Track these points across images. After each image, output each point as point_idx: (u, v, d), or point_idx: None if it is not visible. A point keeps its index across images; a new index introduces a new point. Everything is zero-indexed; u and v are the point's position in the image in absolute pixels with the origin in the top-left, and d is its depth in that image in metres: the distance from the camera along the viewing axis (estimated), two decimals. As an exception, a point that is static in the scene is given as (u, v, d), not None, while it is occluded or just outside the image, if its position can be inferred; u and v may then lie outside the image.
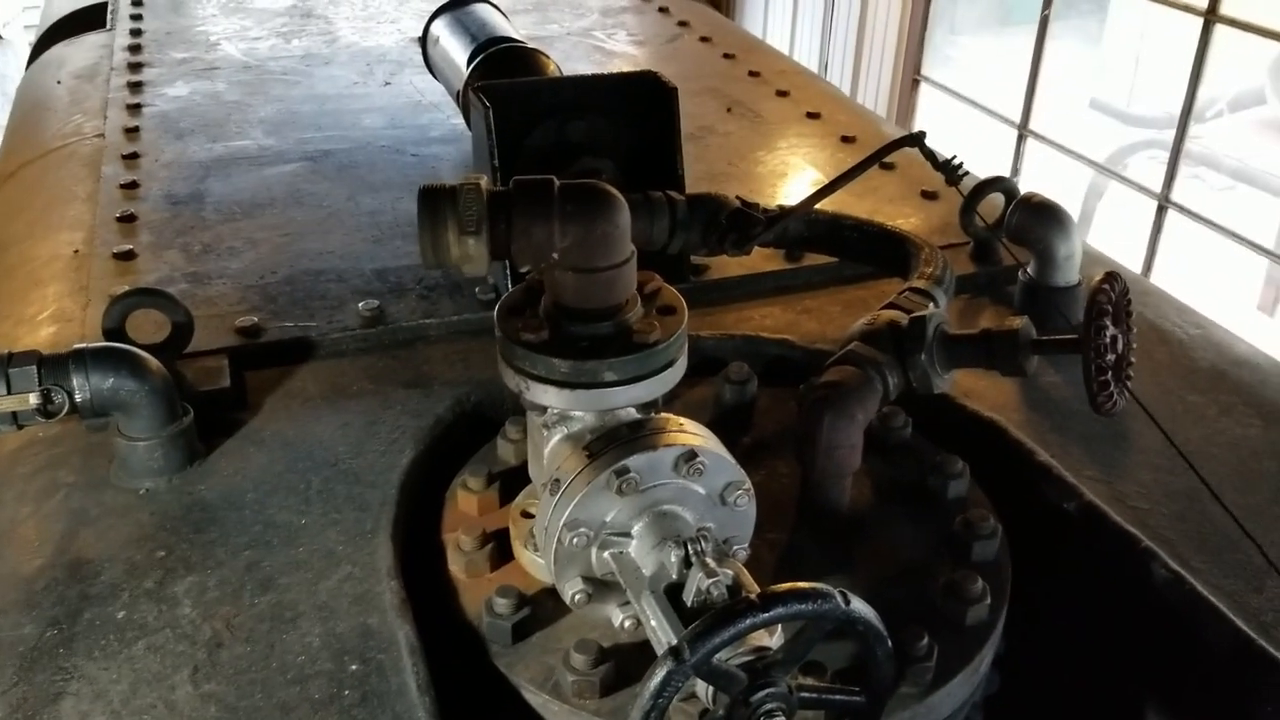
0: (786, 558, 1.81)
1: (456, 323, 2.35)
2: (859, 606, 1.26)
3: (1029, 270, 2.45)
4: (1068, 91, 8.56)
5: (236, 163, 3.10)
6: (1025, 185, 3.02)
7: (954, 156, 2.05)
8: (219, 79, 3.77)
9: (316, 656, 1.56)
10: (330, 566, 1.72)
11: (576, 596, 1.55)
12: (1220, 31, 6.70)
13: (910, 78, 9.45)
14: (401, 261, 2.58)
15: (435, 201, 1.53)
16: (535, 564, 1.74)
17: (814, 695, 1.32)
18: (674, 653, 1.20)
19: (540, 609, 1.68)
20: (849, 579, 1.77)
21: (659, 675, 1.20)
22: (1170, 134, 7.31)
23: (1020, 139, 8.30)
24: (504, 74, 2.79)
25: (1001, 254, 2.62)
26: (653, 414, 1.61)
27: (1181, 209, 7.02)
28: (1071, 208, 2.60)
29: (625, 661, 1.58)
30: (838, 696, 1.36)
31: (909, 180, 3.00)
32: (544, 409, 1.66)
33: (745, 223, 2.22)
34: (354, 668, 1.55)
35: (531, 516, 1.82)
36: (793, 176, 3.12)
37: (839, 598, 1.25)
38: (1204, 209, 7.22)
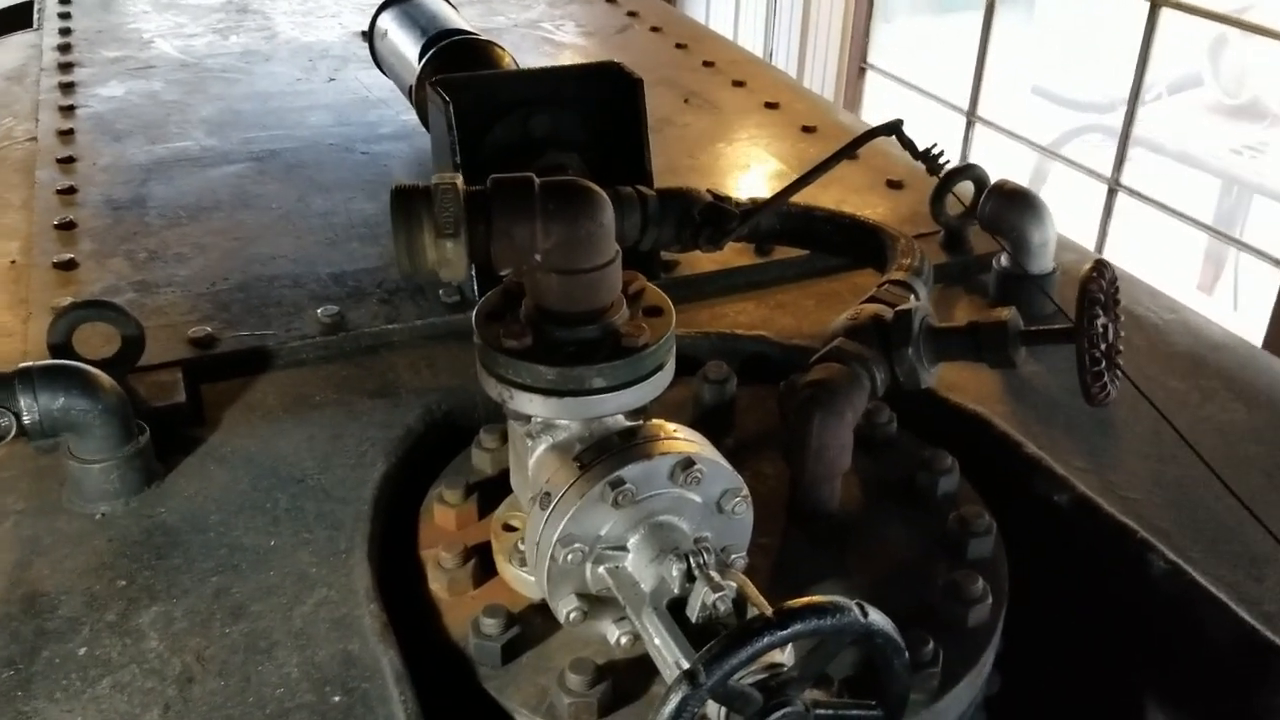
0: (780, 564, 1.75)
1: (421, 327, 2.26)
2: (876, 618, 1.21)
3: (1003, 258, 2.42)
4: (1011, 77, 8.61)
5: (179, 164, 2.98)
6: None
7: (934, 145, 2.00)
8: (155, 78, 3.63)
9: (296, 688, 1.47)
10: (304, 590, 1.63)
11: (571, 615, 1.48)
12: (1162, 14, 6.77)
13: (857, 66, 9.47)
14: (359, 265, 2.49)
15: (409, 203, 1.44)
16: (521, 580, 1.66)
17: (830, 712, 1.27)
18: (689, 676, 1.14)
19: (529, 627, 1.60)
20: (845, 583, 1.72)
21: (673, 701, 1.14)
22: (1109, 118, 7.38)
23: (969, 125, 8.35)
24: (458, 68, 2.70)
25: (973, 242, 2.60)
26: (643, 421, 1.54)
27: (1132, 192, 7.10)
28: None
29: (622, 679, 1.51)
30: (854, 712, 1.30)
31: (874, 170, 2.96)
32: (528, 418, 1.58)
33: (719, 217, 2.16)
34: (337, 699, 1.46)
35: (514, 529, 1.74)
36: (756, 168, 3.06)
37: (857, 610, 1.19)
38: (1144, 190, 7.31)
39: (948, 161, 2.02)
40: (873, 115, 8.07)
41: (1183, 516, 1.81)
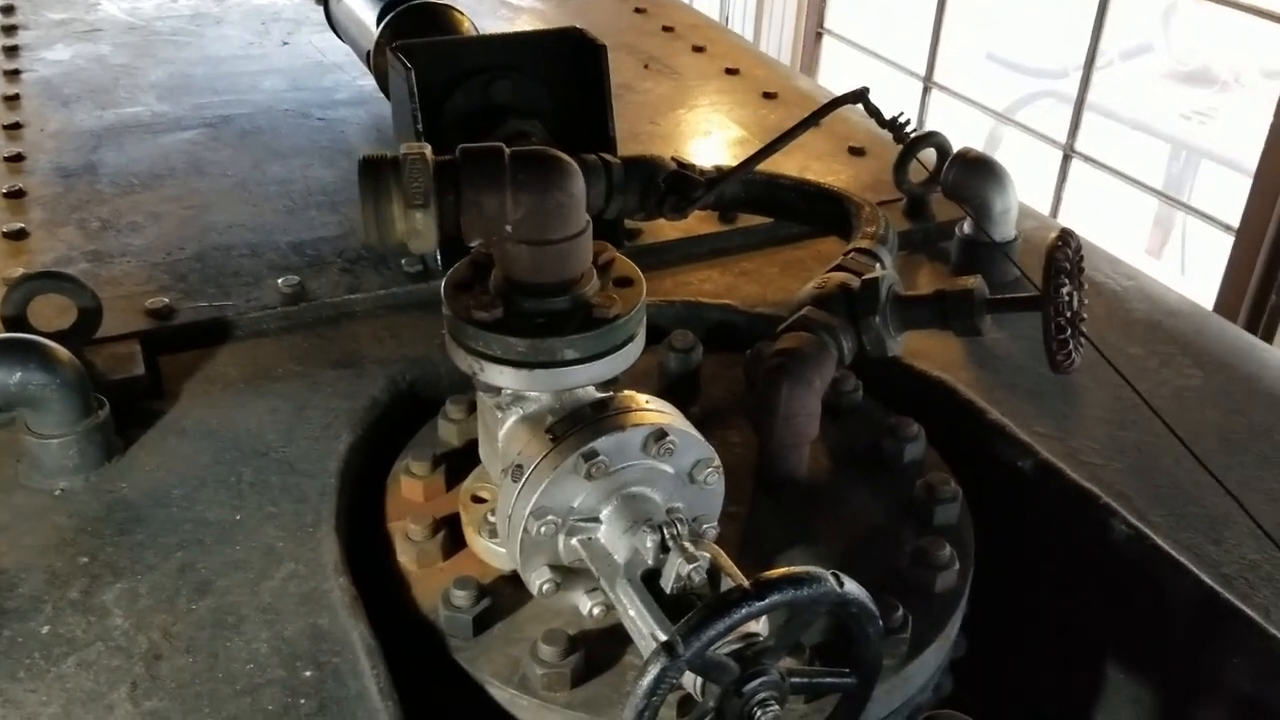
0: (748, 531, 1.76)
1: (383, 297, 2.24)
2: (852, 587, 1.22)
3: (966, 225, 2.43)
4: (966, 43, 8.63)
5: (130, 131, 2.90)
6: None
7: (900, 113, 2.00)
8: (102, 41, 3.53)
9: (265, 664, 1.46)
10: (271, 565, 1.61)
11: (544, 586, 1.48)
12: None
13: (814, 31, 9.44)
14: (318, 233, 2.45)
15: (377, 173, 1.42)
16: (491, 551, 1.66)
17: (805, 680, 1.28)
18: (667, 648, 1.14)
19: (499, 599, 1.60)
20: (814, 551, 1.74)
21: (652, 673, 1.14)
22: (1062, 84, 7.42)
23: (925, 91, 8.37)
24: (417, 33, 2.66)
25: (935, 210, 2.61)
26: (614, 392, 1.53)
27: (1087, 159, 7.17)
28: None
29: (594, 649, 1.52)
30: (828, 680, 1.31)
31: (836, 136, 2.95)
32: (498, 390, 1.57)
33: (684, 185, 2.15)
34: (308, 674, 1.45)
35: (482, 501, 1.74)
36: (718, 135, 3.05)
37: (832, 580, 1.20)
38: (1096, 155, 7.38)
39: (914, 130, 2.02)
40: (830, 81, 8.06)
41: (1143, 481, 1.84)
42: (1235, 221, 5.99)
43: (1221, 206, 6.64)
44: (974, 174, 2.36)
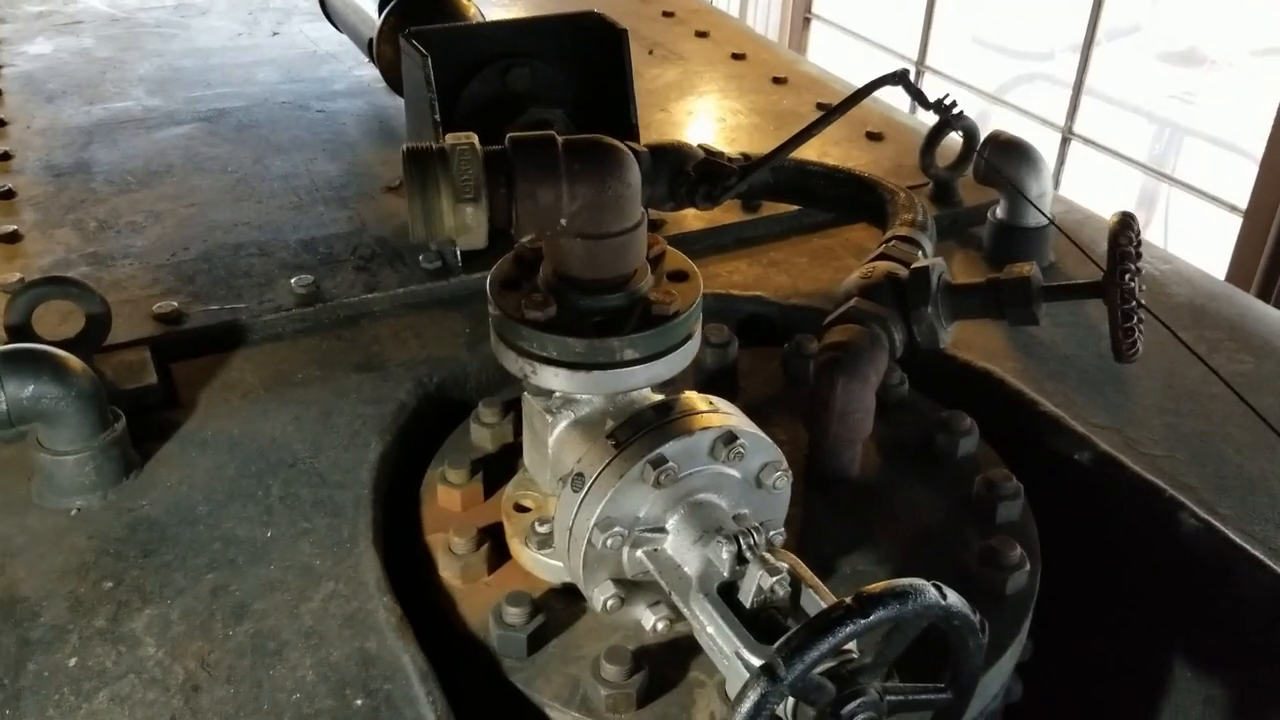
0: (805, 533, 1.68)
1: (403, 295, 2.14)
2: (954, 599, 1.14)
3: (998, 211, 2.36)
4: (953, 27, 8.56)
5: (122, 127, 2.79)
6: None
7: (946, 95, 1.92)
8: (84, 34, 3.40)
9: (313, 692, 1.37)
10: (310, 585, 1.52)
11: (609, 602, 1.39)
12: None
13: (801, 16, 9.34)
14: (329, 230, 2.35)
15: (424, 166, 1.32)
16: (540, 564, 1.57)
17: (902, 697, 1.20)
18: (767, 671, 1.06)
19: (552, 614, 1.51)
20: (875, 553, 1.66)
21: (751, 699, 1.06)
22: (1048, 66, 7.38)
23: (919, 74, 8.31)
24: (422, 19, 2.54)
25: (962, 195, 2.54)
26: (674, 393, 1.45)
27: (1086, 140, 7.14)
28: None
29: (658, 666, 1.43)
30: (925, 696, 1.24)
31: (852, 121, 2.86)
32: (549, 393, 1.48)
33: (716, 173, 2.06)
34: (359, 702, 1.36)
35: (526, 510, 1.65)
36: (732, 121, 2.96)
37: (935, 592, 1.12)
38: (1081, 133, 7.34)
39: (961, 111, 1.94)
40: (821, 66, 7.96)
41: (1208, 471, 1.78)
42: (1235, 199, 5.98)
43: (1210, 182, 6.62)
44: (1007, 157, 2.29)
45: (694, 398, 1.42)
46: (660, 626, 1.42)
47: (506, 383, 1.96)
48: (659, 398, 1.48)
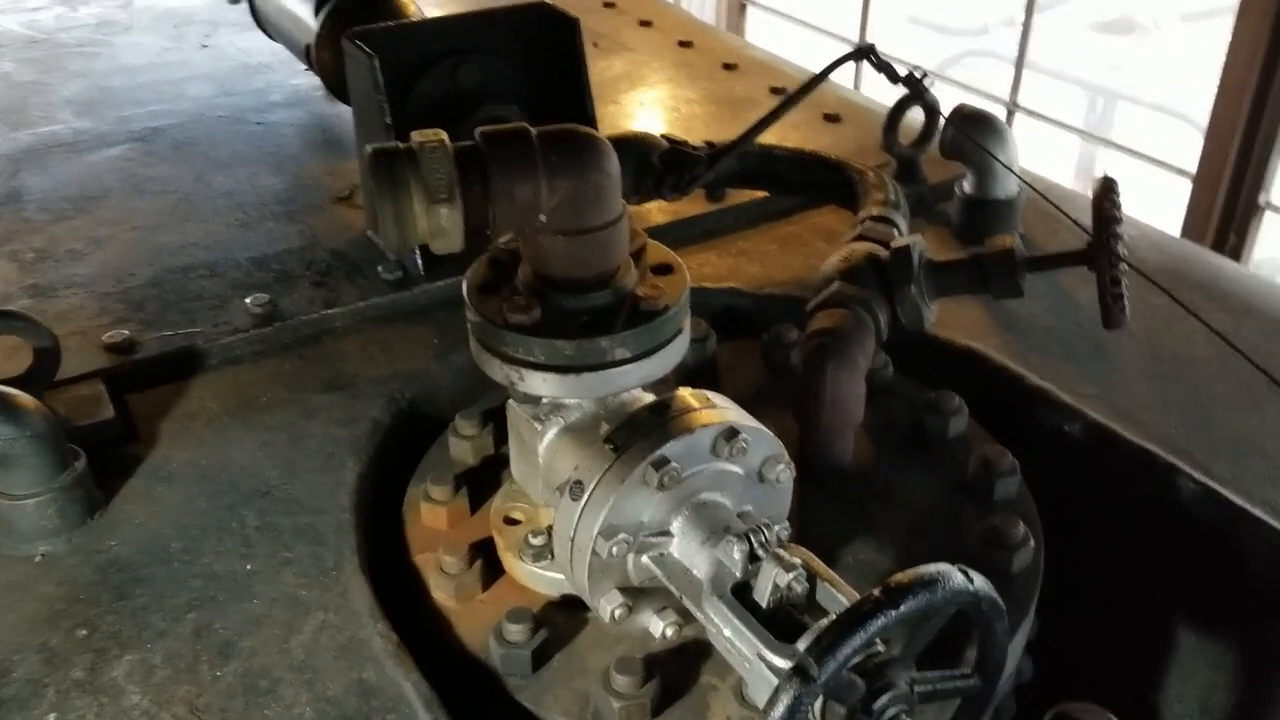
0: (804, 526, 1.63)
1: (365, 309, 2.06)
2: (981, 583, 1.11)
3: (965, 185, 2.34)
4: (887, 7, 8.58)
5: (51, 151, 2.67)
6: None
7: (916, 67, 1.89)
8: (3, 57, 3.26)
9: (312, 730, 1.30)
10: (298, 617, 1.44)
11: (617, 612, 1.33)
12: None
13: (738, 2, 9.30)
14: (280, 246, 2.26)
15: (392, 167, 1.25)
16: (537, 577, 1.51)
17: (930, 688, 1.16)
18: (799, 673, 1.01)
19: (552, 628, 1.45)
20: (876, 541, 1.62)
21: (785, 702, 1.01)
22: (982, 40, 7.43)
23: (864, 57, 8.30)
24: (362, 20, 2.46)
25: (926, 172, 2.51)
26: (666, 392, 1.39)
27: (1030, 112, 7.20)
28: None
29: (668, 673, 1.38)
30: (953, 684, 1.20)
31: (809, 104, 2.80)
32: (537, 400, 1.42)
33: (683, 162, 2.02)
34: (362, 736, 1.29)
35: (516, 522, 1.59)
36: (686, 110, 2.91)
37: (962, 577, 1.08)
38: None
39: (931, 84, 1.91)
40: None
41: (1202, 436, 1.77)
42: (1172, 162, 6.06)
43: (1147, 146, 6.70)
44: (974, 130, 2.26)
45: (688, 394, 1.37)
46: (670, 633, 1.37)
47: (481, 393, 1.90)
48: (651, 398, 1.43)
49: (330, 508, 1.62)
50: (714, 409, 1.34)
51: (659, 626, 1.37)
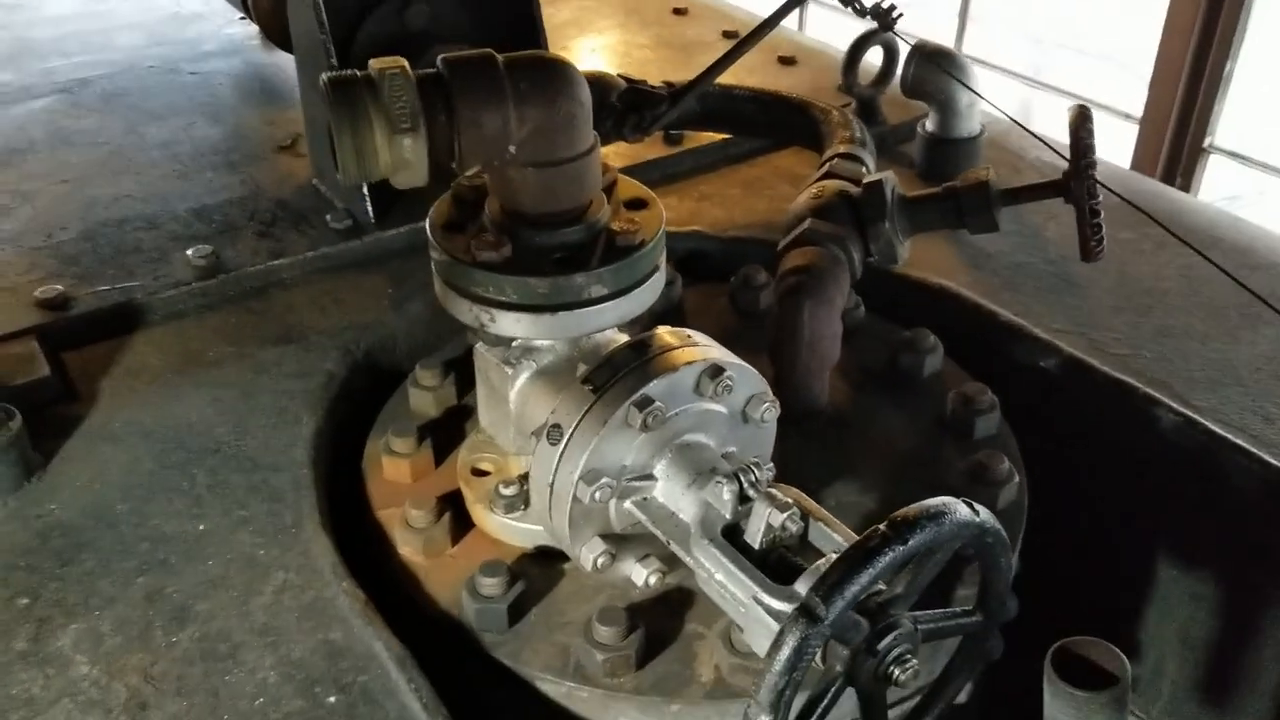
0: (782, 467, 1.58)
1: (313, 259, 1.97)
2: (986, 515, 1.06)
3: (928, 124, 2.29)
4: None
5: (-30, 105, 2.52)
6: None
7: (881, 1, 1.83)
8: (-86, 10, 3.09)
9: (278, 695, 1.22)
10: (257, 578, 1.37)
11: (599, 560, 1.27)
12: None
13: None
14: (220, 196, 2.15)
15: (351, 96, 1.17)
16: (509, 528, 1.45)
17: (934, 625, 1.12)
18: (806, 613, 0.96)
19: (529, 581, 1.39)
20: (858, 482, 1.58)
21: (790, 644, 0.96)
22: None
23: (802, 3, 8.25)
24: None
25: (886, 112, 2.46)
26: (646, 331, 1.33)
27: (976, 59, 7.16)
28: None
29: (652, 622, 1.33)
30: (956, 621, 1.16)
31: (761, 48, 2.74)
32: (507, 343, 1.35)
33: (644, 102, 1.94)
34: (332, 699, 1.22)
35: (485, 473, 1.52)
36: (638, 55, 2.83)
37: (967, 509, 1.04)
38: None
39: (900, 15, 1.85)
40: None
41: (1175, 366, 1.74)
42: (1112, 105, 6.09)
43: (1091, 93, 6.73)
44: (936, 68, 2.21)
45: (666, 333, 1.31)
46: (653, 581, 1.31)
47: (439, 343, 1.82)
48: (625, 338, 1.36)
49: (286, 464, 1.54)
50: (695, 346, 1.28)
51: (642, 575, 1.31)
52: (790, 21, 2.36)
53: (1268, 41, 5.85)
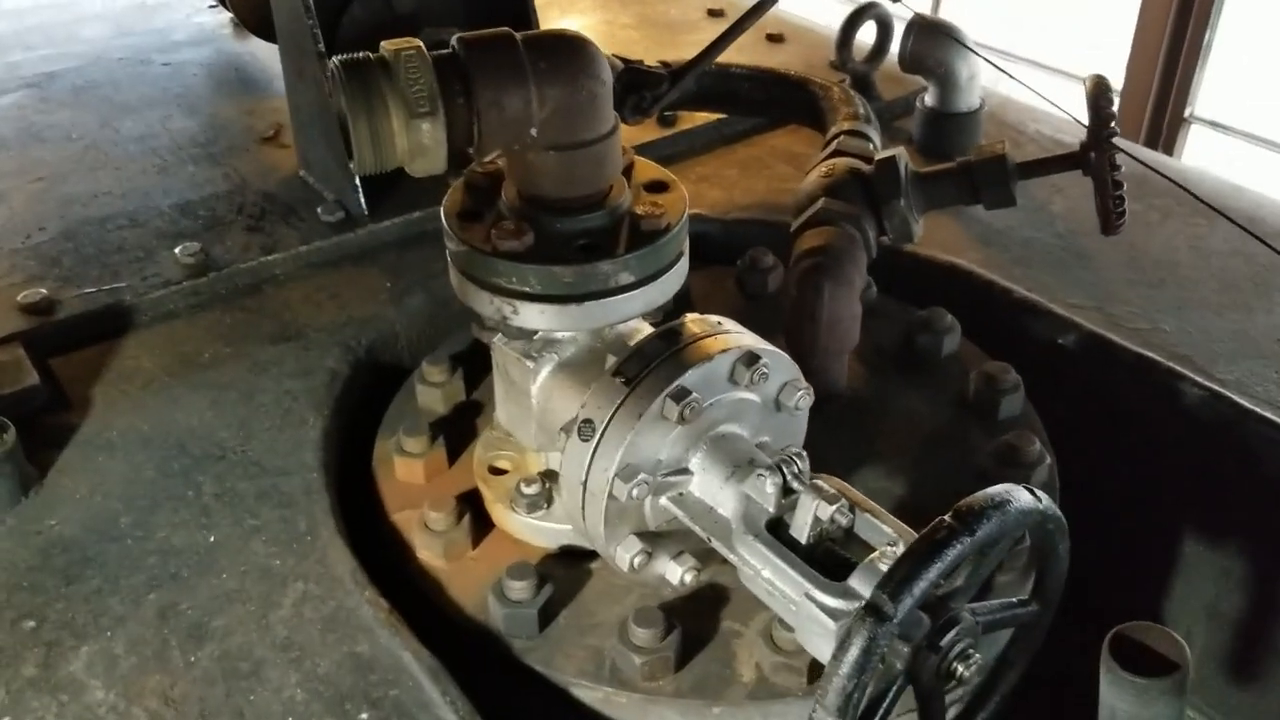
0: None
1: (307, 254, 1.90)
2: (1047, 501, 1.02)
3: (927, 99, 2.25)
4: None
5: (-68, 102, 2.42)
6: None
7: (885, -29, 1.78)
8: None
9: (307, 714, 1.17)
10: (275, 589, 1.31)
11: (636, 560, 1.22)
12: None
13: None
14: (204, 190, 2.08)
15: (365, 79, 1.11)
16: (531, 528, 1.40)
17: (992, 617, 1.08)
18: (873, 611, 0.92)
19: (556, 583, 1.34)
20: (884, 466, 1.54)
21: (859, 644, 0.92)
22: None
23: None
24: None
25: (881, 88, 2.42)
26: (674, 319, 1.28)
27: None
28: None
29: (688, 622, 1.28)
30: (1014, 611, 1.12)
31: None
32: (530, 335, 1.30)
33: (644, 83, 1.88)
34: (365, 716, 1.17)
35: (503, 471, 1.47)
36: (622, 35, 2.77)
37: (1029, 495, 1.00)
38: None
39: (902, -13, 1.81)
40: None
41: (1198, 339, 1.72)
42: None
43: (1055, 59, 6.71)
44: (935, 41, 2.17)
45: (694, 320, 1.26)
46: (689, 579, 1.27)
47: (442, 337, 1.77)
48: (650, 328, 1.31)
49: (295, 468, 1.48)
50: (727, 334, 1.24)
51: (677, 573, 1.26)
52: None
53: (1247, 10, 5.84)
